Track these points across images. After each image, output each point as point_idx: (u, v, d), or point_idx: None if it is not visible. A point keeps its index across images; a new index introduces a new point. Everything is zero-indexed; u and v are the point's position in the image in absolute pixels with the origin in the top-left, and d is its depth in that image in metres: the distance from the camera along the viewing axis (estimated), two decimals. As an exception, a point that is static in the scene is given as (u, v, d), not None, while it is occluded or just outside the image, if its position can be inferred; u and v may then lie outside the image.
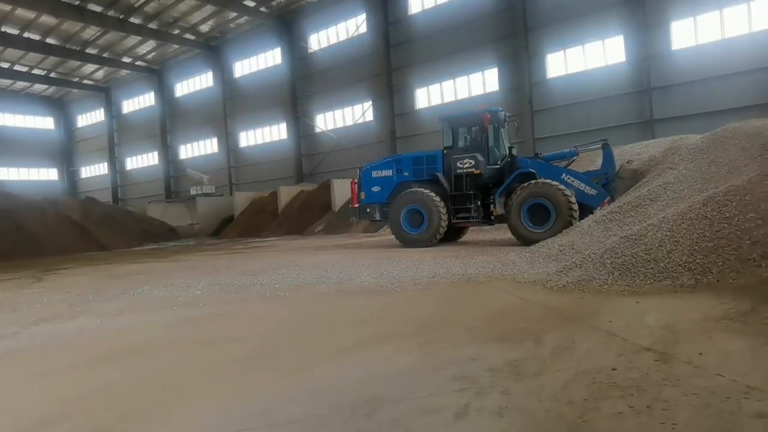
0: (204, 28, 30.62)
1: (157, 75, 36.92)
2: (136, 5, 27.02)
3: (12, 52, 32.21)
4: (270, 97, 30.52)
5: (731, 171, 6.29)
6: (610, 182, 10.23)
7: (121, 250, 19.62)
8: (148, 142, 38.58)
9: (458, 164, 11.33)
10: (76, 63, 35.05)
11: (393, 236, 12.63)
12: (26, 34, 29.48)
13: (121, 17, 28.10)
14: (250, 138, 32.92)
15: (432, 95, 24.87)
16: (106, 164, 42.34)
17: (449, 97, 24.23)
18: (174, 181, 37.39)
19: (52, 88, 41.03)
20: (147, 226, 25.17)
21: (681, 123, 17.46)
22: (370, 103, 26.71)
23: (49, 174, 44.67)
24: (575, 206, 9.84)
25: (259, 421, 2.49)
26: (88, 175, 45.01)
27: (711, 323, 3.44)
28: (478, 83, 23.23)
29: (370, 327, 4.29)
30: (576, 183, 10.34)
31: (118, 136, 41.74)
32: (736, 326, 3.34)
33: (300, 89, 29.48)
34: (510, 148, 11.74)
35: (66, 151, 45.28)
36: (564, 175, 10.59)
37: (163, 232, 25.63)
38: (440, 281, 6.26)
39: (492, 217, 11.39)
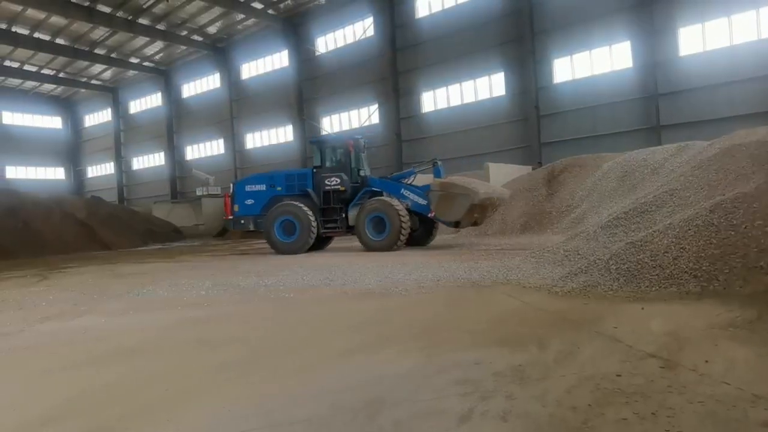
0: (212, 29, 30.78)
1: (164, 76, 37.12)
2: (144, 6, 27.21)
3: (22, 52, 32.45)
4: (276, 99, 30.62)
5: (739, 178, 6.25)
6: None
7: (126, 249, 19.70)
8: (155, 142, 38.75)
9: (326, 182, 13.08)
10: (84, 63, 35.28)
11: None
12: (36, 34, 29.73)
13: (129, 18, 28.30)
14: (257, 140, 33.03)
15: (438, 99, 24.90)
16: (112, 164, 42.56)
17: (455, 101, 24.25)
18: (180, 181, 37.53)
19: (61, 88, 41.31)
20: (152, 226, 25.24)
21: (688, 129, 17.40)
22: (376, 106, 26.75)
23: (56, 173, 44.95)
24: (405, 218, 11.97)
25: (261, 421, 2.49)
26: (95, 175, 45.25)
27: (717, 331, 3.42)
28: (485, 87, 23.25)
29: (373, 329, 4.29)
30: (412, 196, 12.51)
31: (124, 136, 41.97)
32: (743, 334, 3.31)
33: (306, 91, 29.57)
34: (359, 170, 13.65)
35: (73, 150, 45.56)
36: (403, 190, 12.69)
37: (168, 232, 25.69)
38: (444, 285, 6.24)
39: (349, 227, 13.05)
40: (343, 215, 13.04)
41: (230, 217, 14.12)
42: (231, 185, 14.52)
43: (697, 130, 16.73)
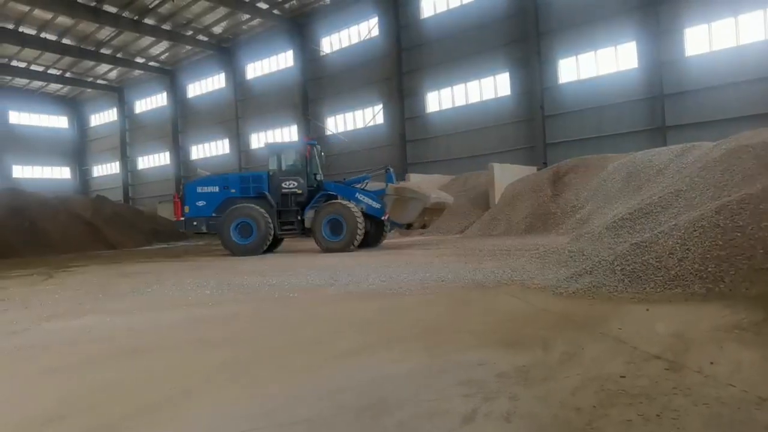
0: (217, 29, 30.88)
1: (169, 75, 37.27)
2: (150, 6, 27.33)
3: (29, 52, 32.69)
4: (282, 99, 30.69)
5: (745, 179, 6.22)
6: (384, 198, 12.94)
7: (131, 248, 19.78)
8: (160, 142, 38.91)
9: (284, 185, 13.47)
10: (90, 63, 35.50)
11: (404, 239, 12.86)
12: (43, 35, 29.91)
13: (135, 18, 28.44)
14: (262, 139, 33.08)
15: (443, 99, 24.89)
16: (117, 163, 42.78)
17: (460, 101, 24.24)
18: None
19: (67, 88, 41.56)
20: (157, 226, 25.35)
21: (694, 130, 17.32)
22: (381, 106, 26.76)
23: (62, 172, 45.22)
24: (360, 220, 12.59)
25: (264, 421, 2.49)
26: (100, 174, 45.49)
27: (722, 333, 3.39)
28: (490, 87, 23.23)
29: (377, 329, 4.29)
30: (366, 200, 13.09)
31: (130, 136, 42.17)
32: (749, 336, 3.29)
33: (311, 91, 29.63)
34: (315, 175, 14.16)
35: (79, 149, 45.82)
36: (357, 194, 13.23)
37: (172, 231, 25.75)
38: (449, 285, 6.23)
39: (305, 230, 13.51)
40: (299, 217, 13.46)
41: (181, 219, 14.08)
42: (180, 186, 14.52)
43: (703, 131, 16.66)
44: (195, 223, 13.92)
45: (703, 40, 17.63)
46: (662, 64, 18.31)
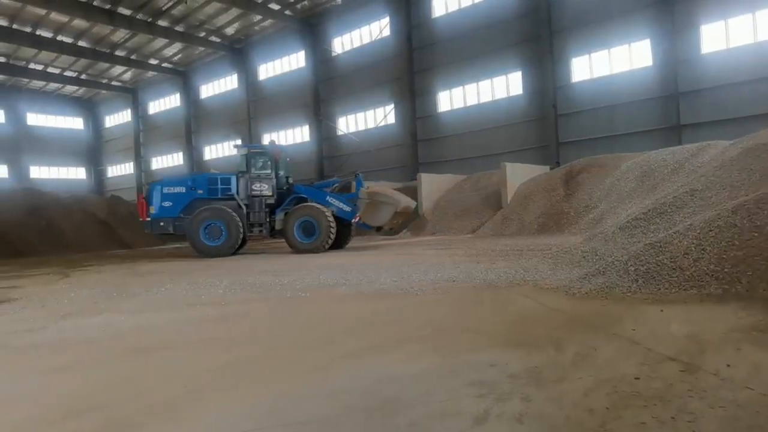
0: (229, 30, 31.08)
1: (182, 77, 37.60)
2: (164, 9, 27.60)
3: (46, 55, 33.21)
4: (293, 100, 30.81)
5: (763, 178, 6.11)
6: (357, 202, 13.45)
7: (145, 248, 19.99)
8: (173, 142, 39.27)
9: (254, 187, 13.69)
10: (105, 65, 35.93)
11: (416, 239, 12.92)
12: (59, 37, 30.37)
13: (149, 20, 28.74)
14: (275, 140, 33.26)
15: (455, 98, 24.80)
16: (132, 164, 43.25)
17: (472, 101, 24.13)
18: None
19: (82, 89, 42.12)
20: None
21: (710, 128, 17.07)
22: (392, 106, 26.75)
23: (78, 173, 45.82)
24: (333, 223, 13.03)
25: (274, 420, 2.50)
26: (115, 174, 46.03)
27: (739, 334, 3.34)
28: (502, 86, 23.09)
29: (387, 329, 4.29)
30: (336, 203, 13.50)
31: (144, 137, 42.62)
32: (767, 338, 3.23)
33: (323, 92, 29.70)
34: (287, 178, 14.73)
35: (94, 150, 46.42)
36: (328, 197, 13.57)
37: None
38: (460, 285, 6.21)
39: (273, 231, 13.83)
40: (268, 220, 13.70)
41: (147, 219, 13.91)
42: (145, 187, 14.42)
43: (719, 130, 16.41)
44: (162, 223, 13.79)
45: (719, 37, 17.36)
46: (677, 62, 18.06)
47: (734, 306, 3.90)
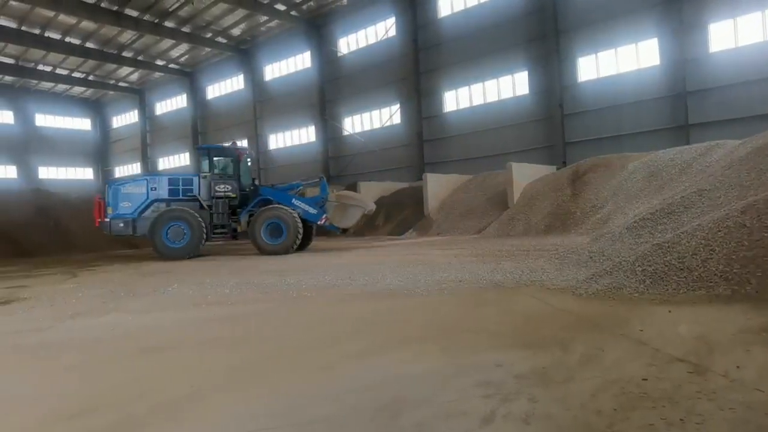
0: (236, 31, 31.18)
1: (189, 77, 37.77)
2: (170, 10, 27.73)
3: (54, 56, 33.46)
4: (299, 100, 30.88)
5: (772, 178, 6.05)
6: (324, 205, 13.79)
7: (152, 248, 20.03)
8: (180, 142, 39.45)
9: (217, 188, 13.61)
10: (112, 66, 36.15)
11: (422, 239, 12.93)
12: (67, 39, 30.60)
13: (155, 21, 28.89)
14: (279, 140, 33.36)
15: (461, 98, 24.76)
16: (139, 164, 43.48)
17: (478, 100, 24.08)
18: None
19: (90, 90, 42.41)
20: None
21: (718, 128, 16.94)
22: (398, 106, 26.74)
23: (85, 173, 46.12)
24: (300, 225, 13.15)
25: (280, 420, 2.50)
26: (122, 175, 46.28)
27: (749, 335, 3.31)
28: (508, 86, 23.03)
29: (393, 329, 4.28)
30: (302, 205, 13.72)
31: (150, 137, 42.85)
32: (776, 339, 3.20)
33: (329, 92, 29.74)
34: (253, 179, 14.87)
35: (101, 151, 46.71)
36: (294, 200, 13.80)
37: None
38: (467, 286, 6.20)
39: (236, 233, 13.92)
40: (230, 221, 13.68)
41: (105, 220, 13.51)
42: (105, 187, 14.15)
43: (727, 129, 16.28)
44: (121, 224, 13.44)
45: (728, 36, 17.22)
46: (685, 61, 17.94)
47: (744, 307, 3.87)
